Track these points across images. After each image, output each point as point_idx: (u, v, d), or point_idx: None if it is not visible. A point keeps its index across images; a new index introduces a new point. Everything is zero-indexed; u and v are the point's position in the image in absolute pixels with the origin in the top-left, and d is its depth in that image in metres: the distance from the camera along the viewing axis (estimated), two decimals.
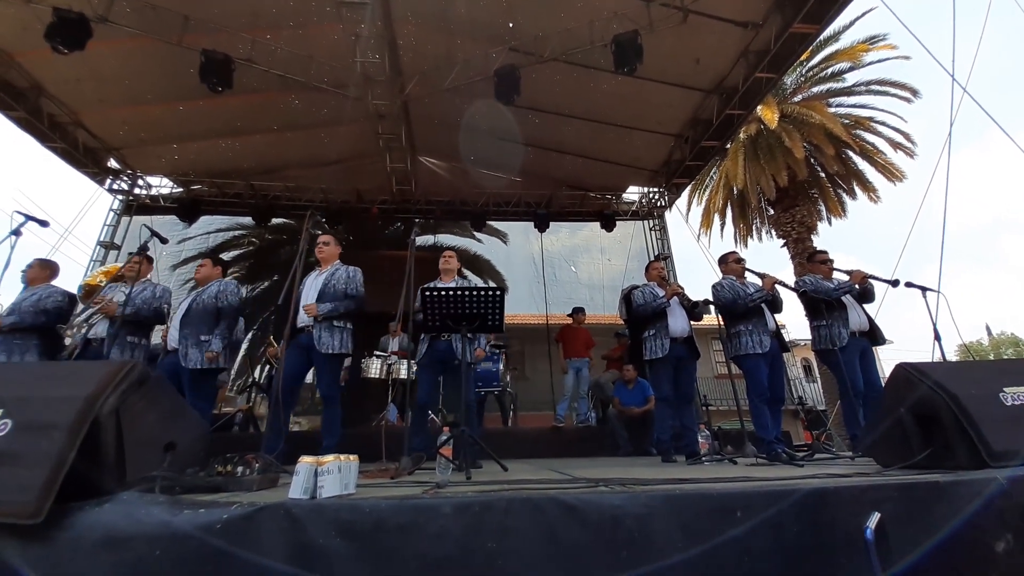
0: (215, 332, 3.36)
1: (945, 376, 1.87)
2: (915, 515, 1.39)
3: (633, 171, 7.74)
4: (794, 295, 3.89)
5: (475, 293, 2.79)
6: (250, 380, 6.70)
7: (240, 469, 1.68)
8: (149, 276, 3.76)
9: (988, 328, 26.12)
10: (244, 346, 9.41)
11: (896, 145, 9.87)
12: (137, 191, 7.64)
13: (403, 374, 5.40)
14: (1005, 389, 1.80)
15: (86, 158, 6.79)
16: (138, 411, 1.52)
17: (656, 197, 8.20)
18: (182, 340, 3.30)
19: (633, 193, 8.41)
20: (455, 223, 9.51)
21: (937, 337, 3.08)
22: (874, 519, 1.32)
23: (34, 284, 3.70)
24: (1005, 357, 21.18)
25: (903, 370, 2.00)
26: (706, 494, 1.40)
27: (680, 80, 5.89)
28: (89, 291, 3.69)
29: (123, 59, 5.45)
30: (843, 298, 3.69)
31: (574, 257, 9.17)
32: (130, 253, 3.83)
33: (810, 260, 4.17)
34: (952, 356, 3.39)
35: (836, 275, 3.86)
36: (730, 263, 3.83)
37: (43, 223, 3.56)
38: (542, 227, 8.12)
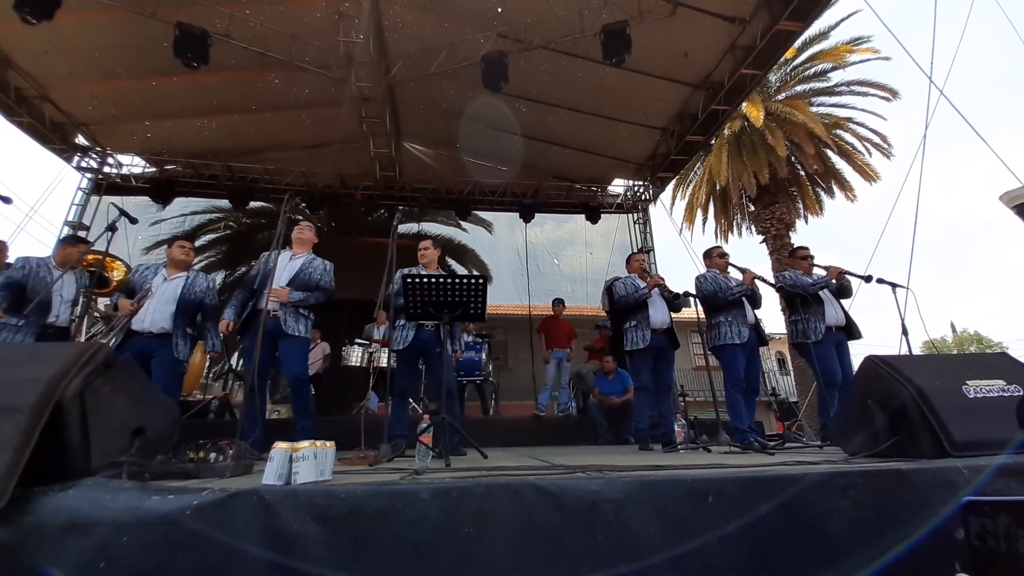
0: (210, 331, 3.39)
1: (911, 369, 1.94)
2: (879, 501, 1.45)
3: (619, 163, 7.76)
4: (773, 291, 3.98)
5: (458, 281, 2.77)
6: (226, 367, 6.57)
7: (213, 455, 1.64)
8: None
9: (952, 325, 27.22)
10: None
11: (874, 145, 10.11)
12: (107, 169, 7.33)
13: (384, 362, 5.36)
14: (968, 382, 1.87)
15: (53, 134, 6.48)
16: (104, 395, 1.47)
17: (641, 190, 8.25)
18: (175, 329, 3.19)
19: (618, 186, 8.45)
20: (440, 211, 9.43)
21: (905, 332, 3.19)
22: None
23: None
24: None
25: (871, 363, 2.07)
26: (680, 480, 1.43)
27: (667, 73, 5.91)
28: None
29: (94, 31, 5.20)
30: (820, 293, 3.78)
31: (558, 250, 9.19)
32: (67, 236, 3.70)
33: (791, 256, 4.26)
34: (918, 352, 3.51)
35: (815, 271, 3.96)
36: (714, 257, 3.89)
37: (6, 199, 3.42)
38: (527, 217, 8.10)
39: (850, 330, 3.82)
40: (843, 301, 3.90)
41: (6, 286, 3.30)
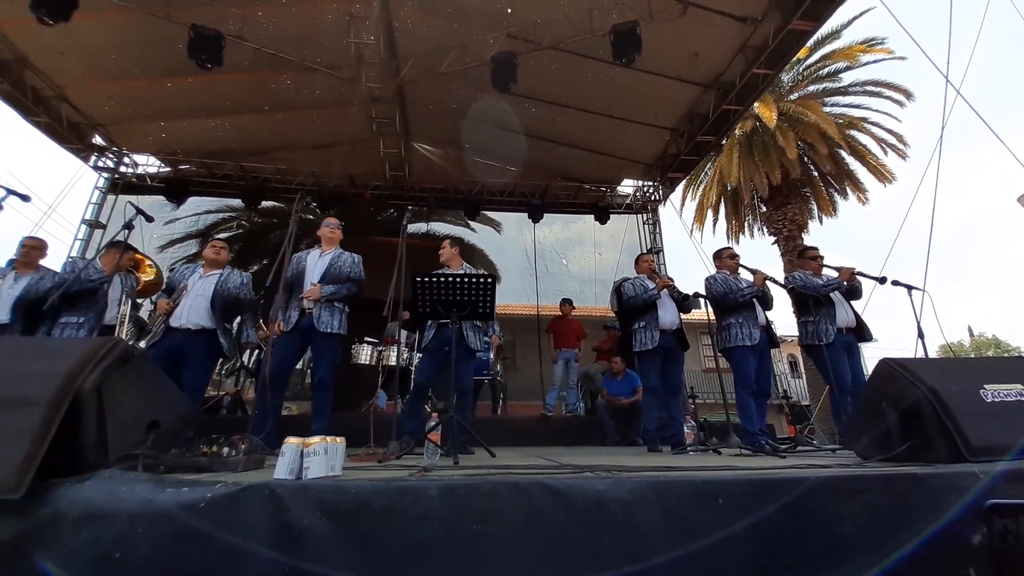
0: (247, 325, 3.43)
1: (927, 372, 1.90)
2: (893, 505, 1.42)
3: (628, 164, 7.73)
4: (784, 293, 3.94)
5: (466, 280, 2.78)
6: (238, 364, 6.65)
7: (225, 450, 1.66)
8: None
9: (970, 329, 26.67)
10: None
11: (889, 146, 9.96)
12: (123, 169, 7.47)
13: (394, 361, 5.38)
14: (986, 386, 1.83)
15: (70, 133, 6.62)
16: (120, 389, 1.49)
17: (650, 191, 8.20)
18: (216, 325, 3.27)
19: (628, 186, 8.41)
20: (448, 211, 9.44)
21: (921, 335, 3.14)
22: None
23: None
24: None
25: (886, 365, 2.03)
26: (689, 481, 1.42)
27: (677, 73, 5.87)
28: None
29: (109, 32, 5.30)
30: (831, 295, 3.74)
31: (566, 250, 9.17)
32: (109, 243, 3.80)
33: (800, 256, 4.21)
34: (934, 356, 3.46)
35: (825, 271, 3.91)
36: (724, 258, 3.86)
37: (25, 197, 3.48)
38: (536, 218, 8.10)
39: (861, 332, 3.77)
40: (854, 302, 3.85)
41: (58, 287, 3.40)
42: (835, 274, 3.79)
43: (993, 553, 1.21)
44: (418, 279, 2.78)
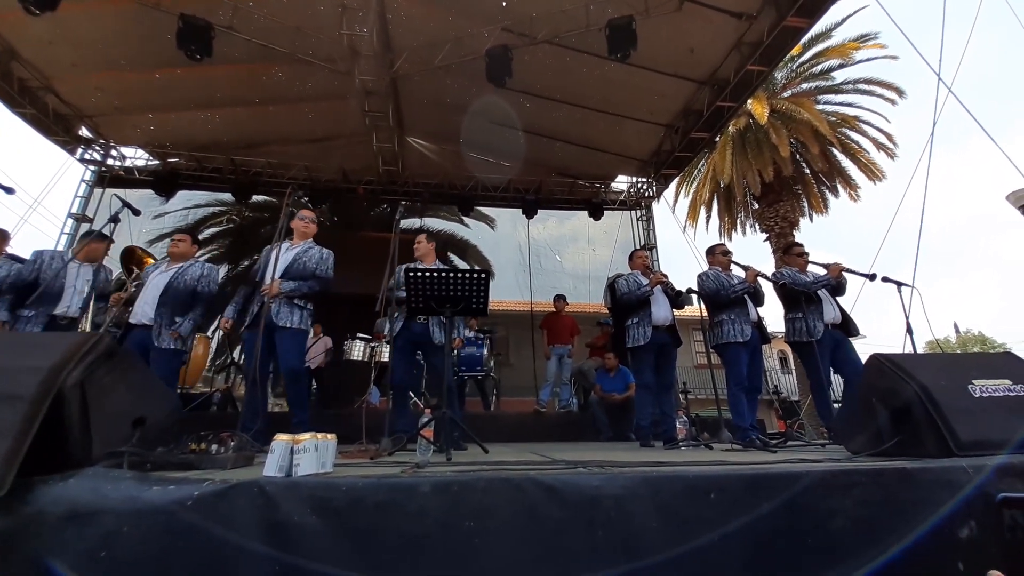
0: (188, 315, 3.29)
1: (916, 367, 1.91)
2: (883, 500, 1.43)
3: (623, 160, 7.72)
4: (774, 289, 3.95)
5: (460, 276, 2.76)
6: (228, 360, 6.59)
7: (214, 447, 1.64)
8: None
9: (956, 326, 27.00)
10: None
11: (879, 145, 10.05)
12: (111, 162, 7.34)
13: (386, 357, 5.36)
14: (974, 381, 1.85)
15: (56, 125, 6.49)
16: (105, 384, 1.46)
17: (644, 187, 8.21)
18: (157, 318, 3.19)
19: (622, 183, 8.42)
20: (442, 206, 9.40)
21: (909, 331, 3.16)
22: None
23: None
24: None
25: (876, 360, 2.05)
26: (682, 476, 1.42)
27: (673, 69, 5.86)
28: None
29: (97, 22, 5.19)
30: (818, 291, 3.75)
31: (560, 246, 9.17)
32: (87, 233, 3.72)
33: (787, 252, 4.22)
34: (922, 352, 3.48)
35: (812, 268, 3.93)
36: (717, 255, 3.87)
37: (9, 190, 3.42)
38: (530, 214, 8.08)
39: (847, 327, 3.79)
40: (839, 298, 3.86)
41: (13, 285, 3.31)
42: (822, 271, 3.81)
43: (1005, 547, 1.23)
44: (411, 273, 2.76)
